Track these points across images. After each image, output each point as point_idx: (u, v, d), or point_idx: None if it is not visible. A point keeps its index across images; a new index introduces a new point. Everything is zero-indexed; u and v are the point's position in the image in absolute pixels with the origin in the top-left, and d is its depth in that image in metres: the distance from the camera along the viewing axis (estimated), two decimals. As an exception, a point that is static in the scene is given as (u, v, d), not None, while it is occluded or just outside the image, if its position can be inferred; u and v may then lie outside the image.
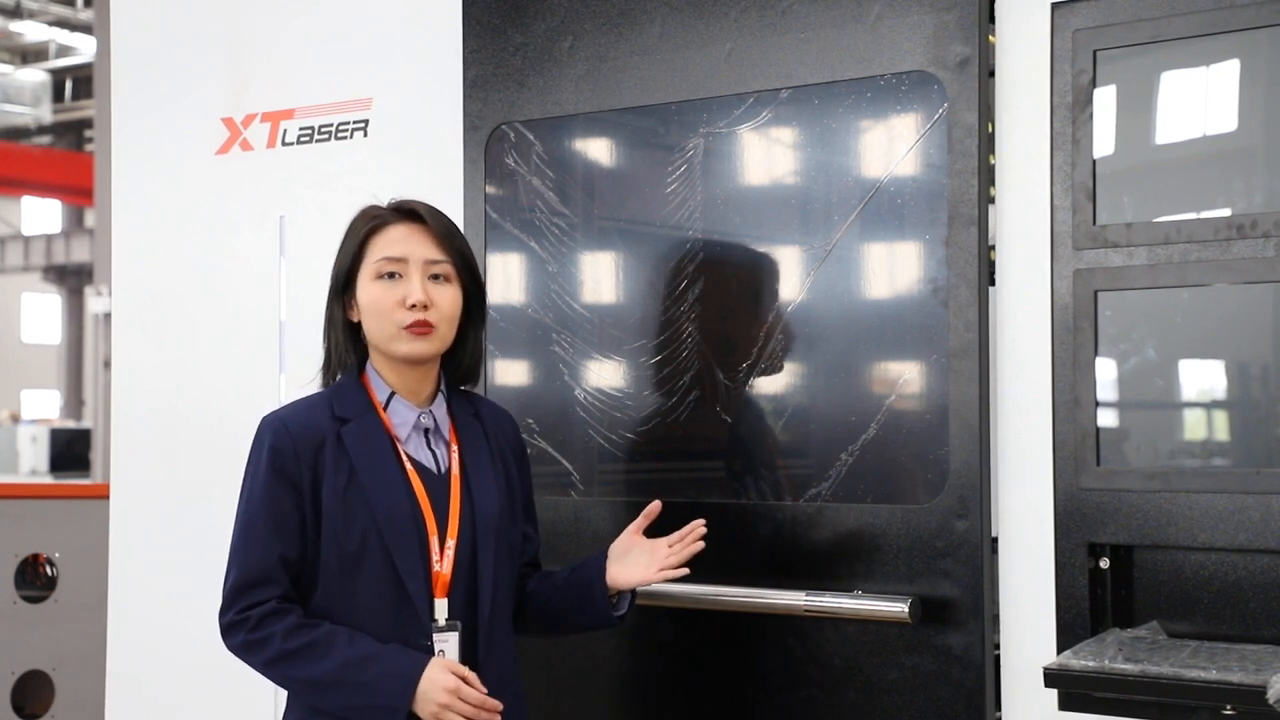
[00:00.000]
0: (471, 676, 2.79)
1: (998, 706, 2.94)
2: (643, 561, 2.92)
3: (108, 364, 4.02)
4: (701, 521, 2.94)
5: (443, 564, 2.88)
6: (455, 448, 2.96)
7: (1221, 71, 2.80)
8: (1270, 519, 2.67)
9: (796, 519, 3.15)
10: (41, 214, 41.67)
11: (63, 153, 34.74)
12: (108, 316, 4.19)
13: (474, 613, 2.90)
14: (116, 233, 4.26)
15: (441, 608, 2.86)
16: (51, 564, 5.15)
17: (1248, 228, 2.70)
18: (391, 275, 2.86)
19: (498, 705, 2.78)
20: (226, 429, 3.23)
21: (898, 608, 2.94)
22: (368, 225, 2.92)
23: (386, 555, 2.83)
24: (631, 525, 2.99)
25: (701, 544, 2.92)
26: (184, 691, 3.92)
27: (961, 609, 2.94)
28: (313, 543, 2.85)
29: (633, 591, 2.98)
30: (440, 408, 2.98)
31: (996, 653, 2.94)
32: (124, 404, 4.21)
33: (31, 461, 23.08)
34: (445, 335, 2.89)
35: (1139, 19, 2.81)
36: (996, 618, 2.94)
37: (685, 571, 2.90)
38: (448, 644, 2.84)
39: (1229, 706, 2.51)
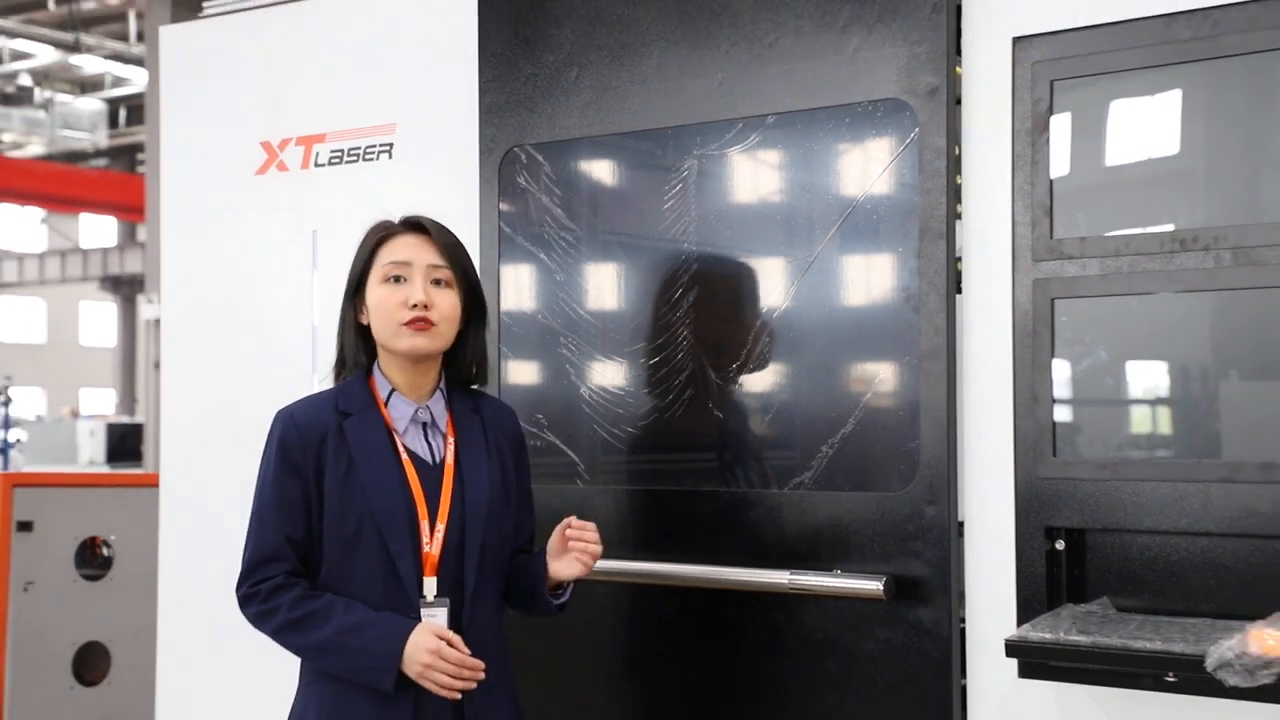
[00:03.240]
0: (454, 639, 2.82)
1: (963, 674, 2.96)
2: (574, 561, 2.94)
3: (157, 365, 4.02)
4: (590, 529, 2.96)
5: (432, 545, 2.90)
6: (451, 440, 2.98)
7: (1165, 100, 2.82)
8: (1209, 505, 2.69)
9: (781, 505, 3.16)
10: (98, 229, 41.63)
11: (117, 174, 34.65)
12: (157, 322, 4.18)
13: (460, 588, 2.92)
14: (165, 246, 4.28)
15: (430, 585, 2.89)
16: (108, 545, 5.16)
17: (1189, 241, 2.72)
18: (397, 279, 2.90)
19: (478, 664, 2.80)
20: (264, 424, 3.24)
21: (873, 585, 2.97)
22: (378, 235, 2.97)
23: (380, 537, 2.87)
24: (559, 527, 2.98)
25: (596, 546, 2.94)
26: (227, 659, 3.95)
27: (931, 587, 2.96)
28: (317, 525, 2.90)
29: (571, 586, 3.02)
30: (439, 403, 3.00)
31: (962, 626, 2.96)
32: (172, 401, 4.24)
33: (90, 453, 23.04)
34: (444, 334, 2.92)
35: (1091, 52, 2.83)
36: (962, 594, 2.96)
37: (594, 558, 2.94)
38: (436, 617, 2.86)
39: (1171, 674, 2.53)
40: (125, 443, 21.72)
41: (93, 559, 5.12)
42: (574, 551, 2.93)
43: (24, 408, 30.85)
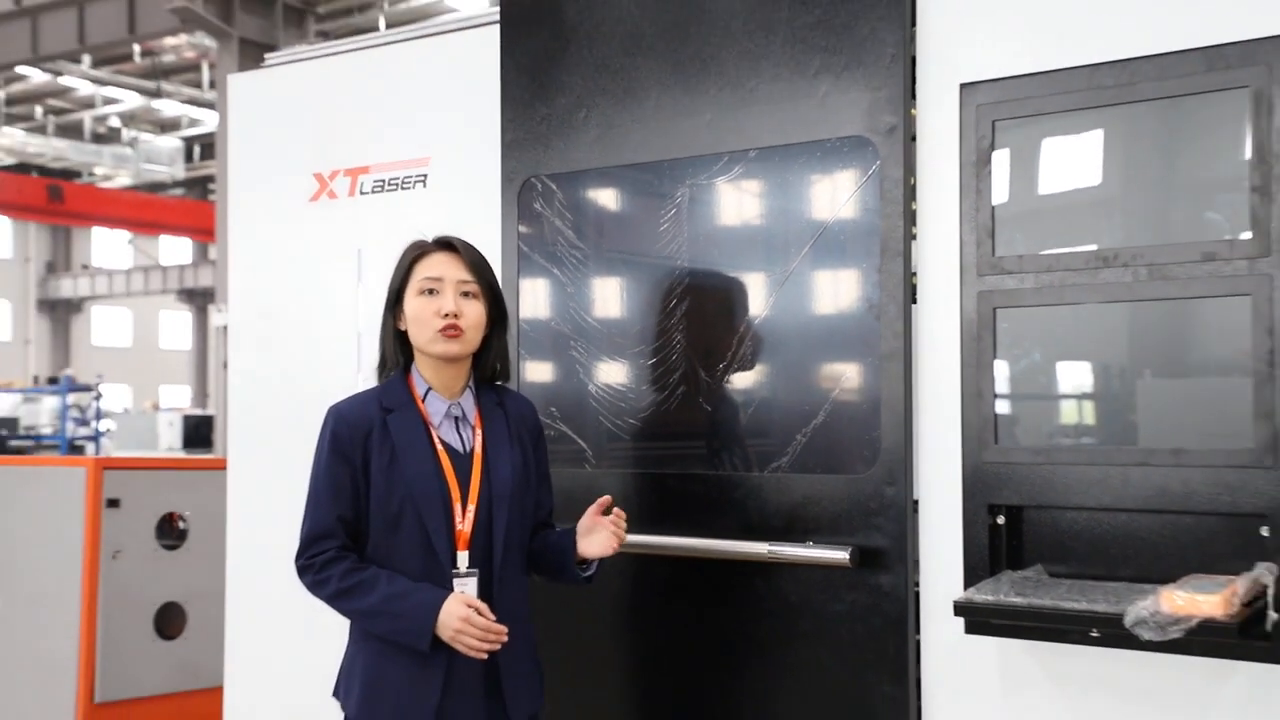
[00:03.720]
0: (483, 607, 2.83)
1: (917, 631, 2.96)
2: (604, 539, 2.95)
3: (225, 365, 4.03)
4: (619, 512, 2.97)
5: (464, 524, 2.91)
6: (479, 432, 2.99)
7: (1089, 138, 2.83)
8: (1127, 485, 2.69)
9: (761, 486, 3.16)
10: (175, 249, 41.67)
11: (191, 201, 34.73)
12: (225, 329, 4.18)
13: (489, 561, 2.93)
14: (232, 263, 4.28)
15: (463, 558, 2.91)
16: (184, 520, 5.17)
17: (1110, 259, 2.72)
18: (431, 291, 2.91)
19: (503, 629, 2.81)
20: (315, 416, 3.24)
21: (840, 555, 2.97)
22: (414, 253, 2.99)
23: (419, 517, 2.88)
24: (591, 507, 2.99)
25: (623, 526, 2.96)
26: (285, 617, 3.96)
27: (890, 556, 2.97)
28: (364, 506, 2.92)
29: (599, 561, 3.02)
30: (468, 400, 3.01)
31: (917, 589, 2.96)
32: (238, 396, 4.24)
33: (168, 440, 23.12)
34: (471, 339, 2.94)
35: (1027, 97, 2.83)
36: (917, 562, 2.96)
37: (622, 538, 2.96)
38: (468, 586, 2.89)
39: (1095, 630, 2.54)
40: (198, 432, 21.80)
41: (171, 531, 5.13)
42: (607, 532, 2.94)
43: (113, 402, 30.85)
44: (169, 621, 5.10)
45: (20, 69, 24.41)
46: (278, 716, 4.03)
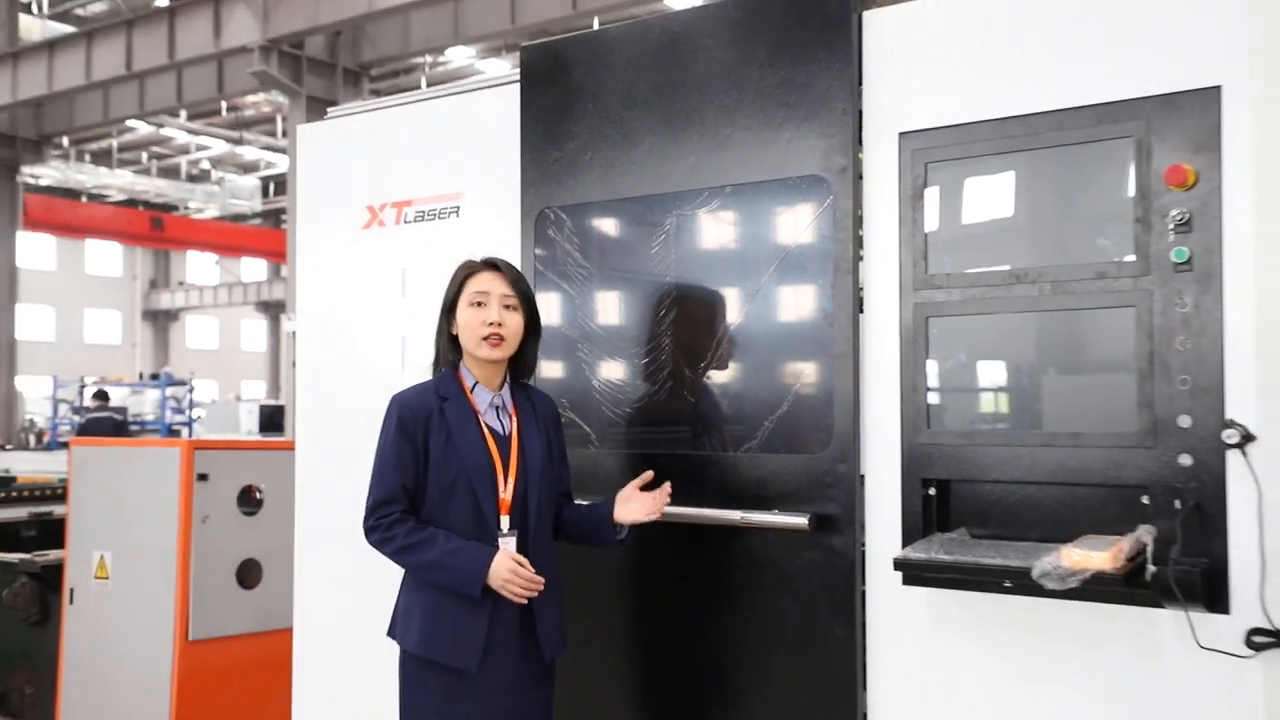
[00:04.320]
0: (525, 561, 2.86)
1: (863, 583, 2.97)
2: (638, 507, 3.00)
3: (294, 364, 4.05)
4: (668, 484, 3.04)
5: (506, 493, 2.94)
6: (515, 419, 3.02)
7: (1003, 177, 2.83)
8: (1035, 462, 2.71)
9: (736, 464, 3.17)
10: (254, 268, 41.68)
11: (267, 229, 34.77)
12: (294, 334, 4.22)
13: (525, 524, 2.95)
14: (300, 280, 4.28)
15: (505, 521, 2.94)
16: (260, 491, 5.18)
17: (1021, 277, 2.74)
18: (479, 304, 2.94)
19: (540, 579, 2.87)
20: (366, 406, 3.26)
21: (800, 520, 2.98)
22: (465, 271, 3.02)
23: (470, 487, 2.91)
24: (634, 481, 3.06)
25: (668, 497, 3.02)
26: (343, 570, 3.96)
27: (841, 521, 2.97)
28: (423, 477, 2.93)
29: (631, 526, 3.05)
30: (506, 393, 3.05)
31: (863, 549, 2.97)
32: (304, 389, 4.24)
33: (247, 426, 23.11)
34: (512, 345, 2.97)
35: (953, 143, 2.84)
36: (863, 526, 2.96)
37: (661, 509, 3.02)
38: (509, 544, 2.91)
39: (1008, 581, 2.55)
40: (272, 419, 21.79)
41: (249, 500, 5.15)
42: (644, 500, 3.00)
43: (203, 394, 30.85)
44: (248, 574, 5.11)
45: (130, 122, 24.40)
46: (339, 652, 4.03)
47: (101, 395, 19.36)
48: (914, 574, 2.77)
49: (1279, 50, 2.53)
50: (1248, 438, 2.48)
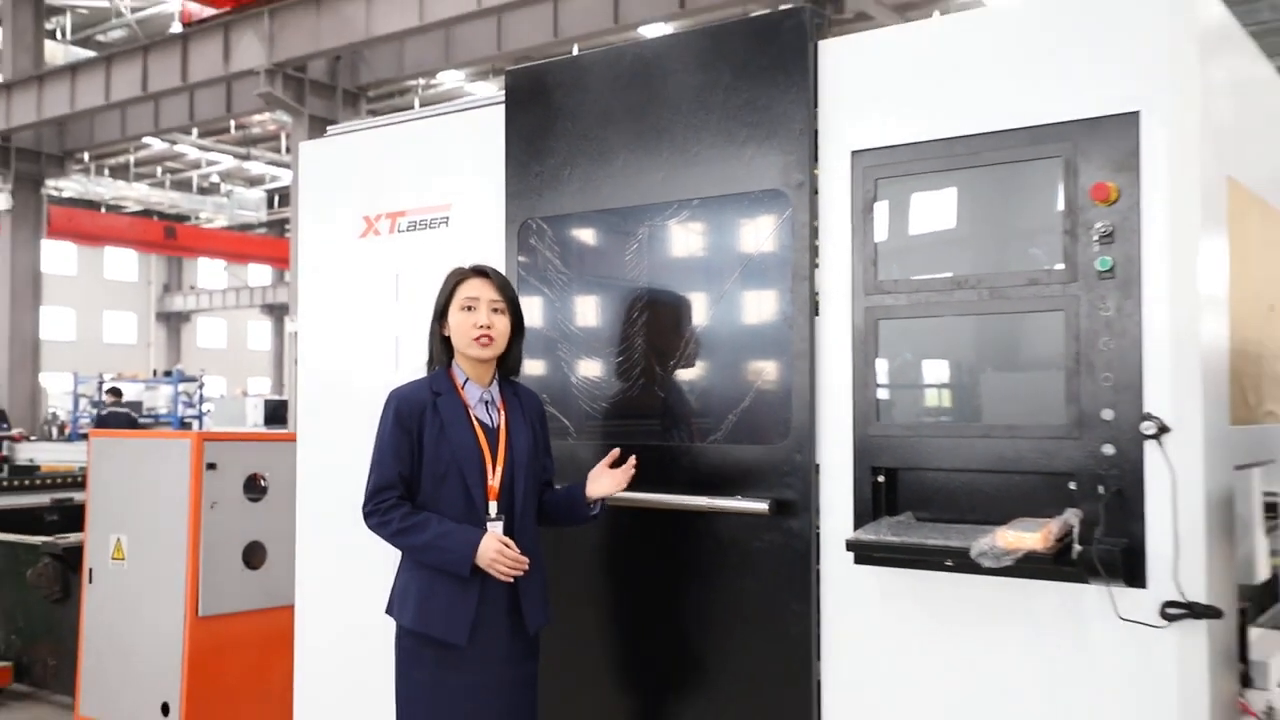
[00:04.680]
0: (510, 543, 2.85)
1: (819, 562, 2.97)
2: (607, 482, 2.99)
3: (296, 362, 4.03)
4: (633, 458, 3.03)
5: (494, 480, 2.93)
6: (503, 413, 3.01)
7: (946, 193, 2.84)
8: (974, 452, 2.72)
9: (703, 453, 3.16)
10: (259, 274, 41.38)
11: (272, 238, 34.49)
12: (296, 334, 4.19)
13: (512, 509, 2.94)
14: (302, 285, 4.24)
15: (493, 506, 2.93)
16: (264, 479, 5.13)
17: (962, 283, 2.75)
18: (469, 308, 2.93)
19: (525, 560, 2.86)
20: (362, 401, 3.24)
21: (761, 506, 2.98)
22: (457, 278, 3.01)
23: (461, 475, 2.89)
24: (602, 460, 3.04)
25: (634, 470, 3.01)
26: (341, 551, 3.94)
27: (798, 506, 2.98)
28: (417, 466, 2.92)
29: (602, 501, 3.03)
30: (495, 389, 3.03)
31: (818, 531, 2.97)
32: (305, 386, 4.20)
33: (253, 419, 22.91)
34: (499, 345, 2.96)
35: (900, 161, 2.85)
36: (819, 510, 2.96)
37: (627, 483, 3.01)
38: (497, 528, 2.90)
39: (949, 560, 2.57)
40: (276, 412, 21.60)
41: (254, 487, 5.10)
42: (612, 475, 3.00)
43: (212, 390, 30.58)
44: (253, 555, 5.07)
45: (145, 139, 24.19)
46: (337, 628, 4.00)
47: (115, 392, 19.13)
48: (864, 554, 2.77)
49: (1190, 80, 2.56)
50: (1163, 429, 2.50)
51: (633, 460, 3.04)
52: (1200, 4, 2.61)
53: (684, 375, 3.25)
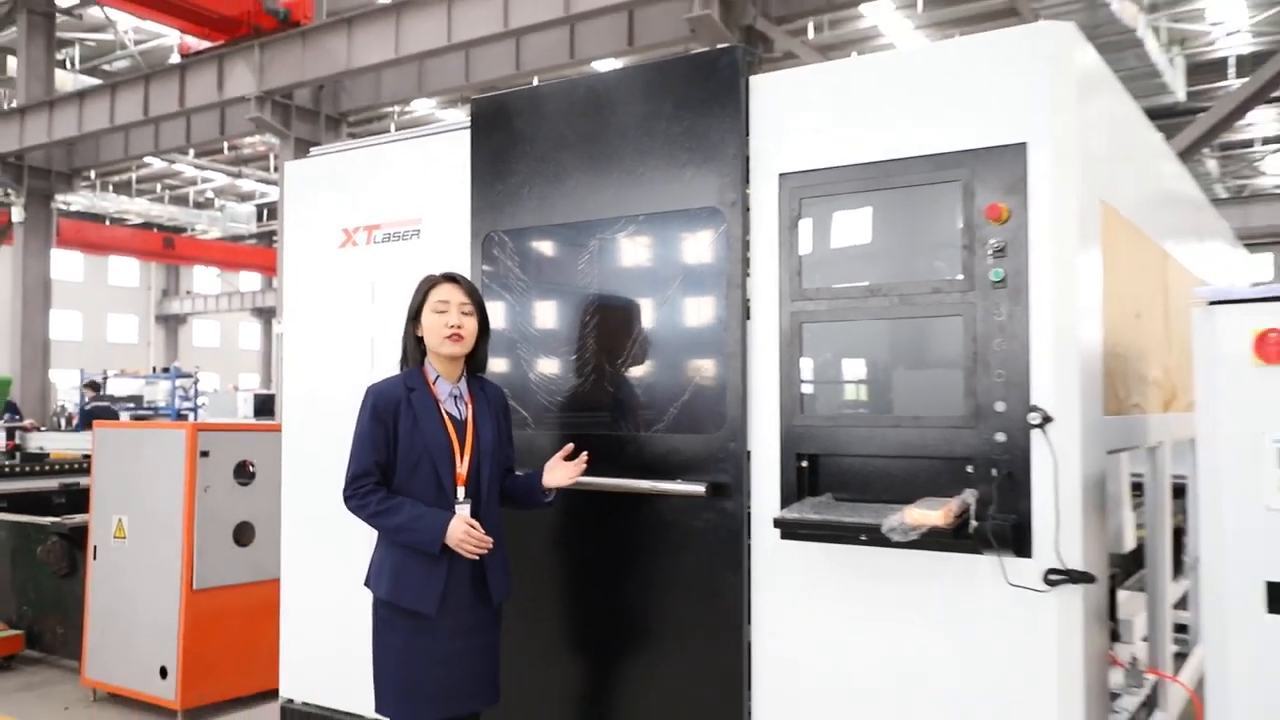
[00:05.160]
0: (476, 524, 2.80)
1: (749, 537, 2.97)
2: (561, 474, 2.96)
3: (282, 360, 3.96)
4: (585, 454, 3.00)
5: (462, 468, 2.88)
6: (470, 406, 2.96)
7: (862, 211, 2.85)
8: (885, 440, 2.73)
9: (649, 442, 3.14)
10: (250, 280, 40.65)
11: (261, 248, 33.79)
12: (282, 335, 4.12)
13: (478, 494, 2.90)
14: (287, 290, 4.16)
15: (461, 492, 2.87)
16: (253, 466, 5.04)
17: (875, 291, 2.76)
18: (441, 310, 2.88)
19: (489, 539, 2.80)
20: (340, 397, 3.20)
21: (699, 488, 2.98)
22: (430, 283, 2.96)
23: (432, 463, 2.84)
24: (557, 454, 3.00)
25: (585, 464, 2.99)
26: (323, 531, 3.87)
27: (732, 488, 2.97)
28: (392, 455, 2.86)
29: (557, 489, 3.01)
30: (463, 384, 2.98)
31: (749, 511, 2.97)
32: (290, 382, 4.12)
33: (243, 411, 22.45)
34: (469, 344, 2.92)
35: (822, 183, 2.86)
36: (750, 492, 2.96)
37: (579, 475, 2.98)
38: (464, 510, 2.85)
39: (863, 535, 2.56)
40: (264, 405, 21.21)
41: (244, 473, 5.00)
42: (567, 468, 2.96)
43: (206, 385, 30.00)
44: (243, 534, 4.98)
45: (146, 159, 23.70)
46: (319, 599, 3.94)
47: (93, 386, 18.39)
48: (790, 530, 2.76)
49: (1069, 117, 2.60)
50: (1047, 420, 2.53)
51: (585, 455, 3.01)
52: (1077, 52, 2.65)
53: (631, 372, 3.22)
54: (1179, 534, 4.18)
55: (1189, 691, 3.86)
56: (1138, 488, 3.59)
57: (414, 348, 2.97)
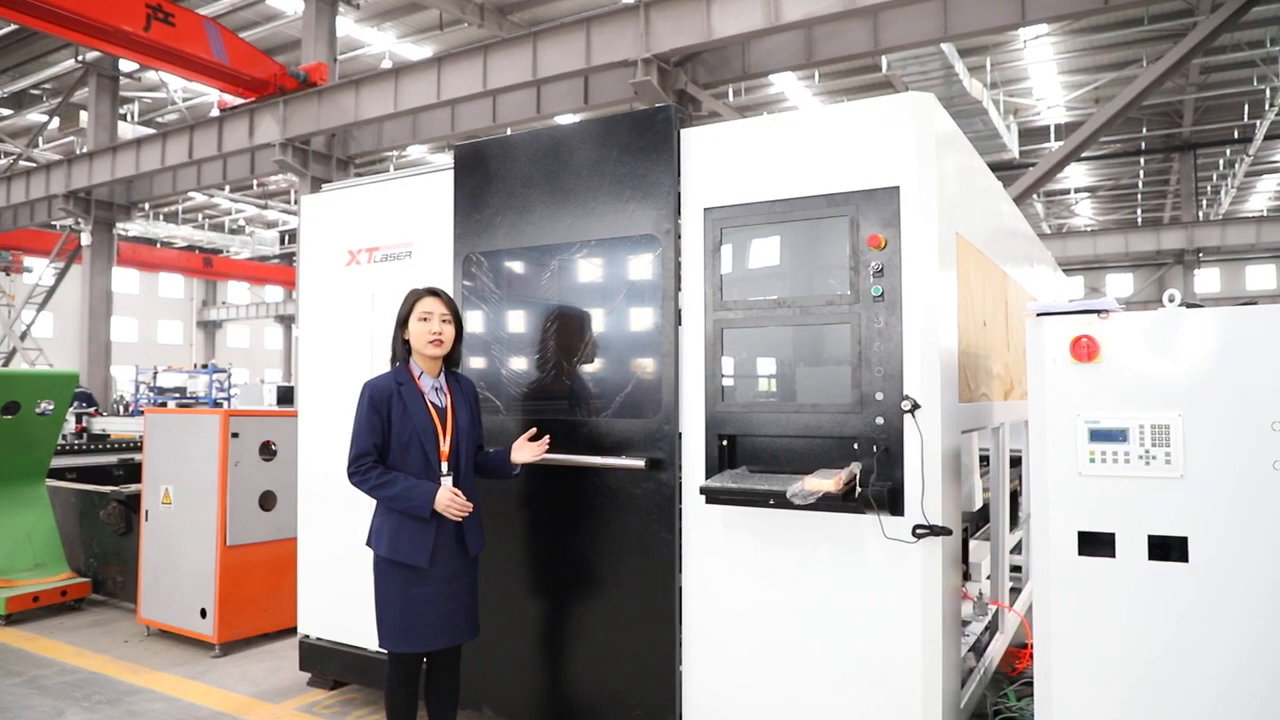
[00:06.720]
0: (459, 493, 2.73)
1: (680, 502, 2.93)
2: (526, 453, 2.90)
3: (299, 358, 3.85)
4: (547, 436, 2.95)
5: (445, 447, 2.80)
6: (449, 397, 2.88)
7: (772, 239, 2.82)
8: (790, 423, 2.70)
9: (599, 425, 3.08)
10: (274, 293, 39.66)
11: (284, 267, 33.02)
12: (299, 338, 3.98)
13: (458, 467, 2.82)
14: (303, 300, 4.03)
15: (444, 466, 2.79)
16: (274, 444, 4.88)
17: (782, 303, 2.73)
18: (425, 319, 2.79)
19: (469, 504, 2.73)
20: (346, 388, 3.08)
21: (639, 463, 2.93)
22: (415, 297, 2.86)
23: (420, 444, 2.76)
24: (523, 435, 2.94)
25: (547, 445, 2.94)
26: (331, 499, 3.75)
27: (666, 463, 2.93)
28: (386, 438, 2.77)
29: (523, 464, 2.94)
30: (442, 379, 2.90)
31: (680, 481, 2.93)
32: (305, 376, 3.99)
33: (269, 400, 22.01)
34: (447, 346, 2.85)
35: (740, 215, 2.82)
36: (681, 466, 2.92)
37: (542, 453, 2.92)
38: (447, 481, 2.77)
39: (772, 500, 2.54)
40: (285, 396, 20.79)
41: (267, 451, 4.83)
42: (532, 449, 2.91)
43: (238, 379, 29.25)
44: (267, 501, 4.82)
45: (191, 193, 23.04)
46: (329, 553, 3.81)
47: (86, 398, 16.63)
48: (713, 496, 2.73)
49: (931, 167, 2.60)
50: (916, 406, 2.53)
51: (547, 438, 2.95)
52: (937, 117, 2.66)
53: (584, 368, 3.17)
54: (1015, 495, 4.25)
55: (1021, 617, 3.92)
56: (984, 459, 3.63)
57: (402, 349, 2.89)
